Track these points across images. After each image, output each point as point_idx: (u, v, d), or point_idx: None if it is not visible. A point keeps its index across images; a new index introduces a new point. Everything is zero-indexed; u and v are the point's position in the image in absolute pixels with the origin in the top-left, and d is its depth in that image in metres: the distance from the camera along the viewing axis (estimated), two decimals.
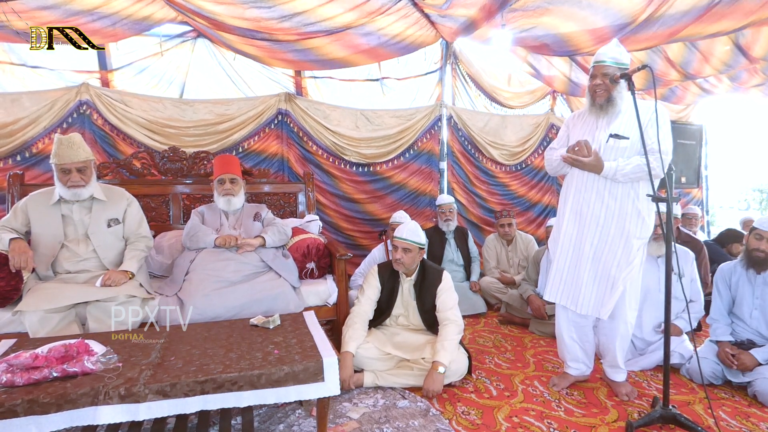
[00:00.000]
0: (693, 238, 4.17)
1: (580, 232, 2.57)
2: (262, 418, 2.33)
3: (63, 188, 2.59)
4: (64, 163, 2.55)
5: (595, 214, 2.52)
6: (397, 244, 2.84)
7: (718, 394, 2.70)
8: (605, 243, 2.51)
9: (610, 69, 2.40)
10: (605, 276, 2.51)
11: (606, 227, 2.50)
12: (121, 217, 2.80)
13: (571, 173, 2.64)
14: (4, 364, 1.69)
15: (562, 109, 6.26)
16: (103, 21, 3.48)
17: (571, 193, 2.60)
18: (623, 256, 2.47)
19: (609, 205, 2.49)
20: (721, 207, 8.83)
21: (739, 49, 4.77)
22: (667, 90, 6.11)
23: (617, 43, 2.48)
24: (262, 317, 2.35)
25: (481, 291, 4.41)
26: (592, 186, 2.51)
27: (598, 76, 2.44)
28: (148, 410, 1.69)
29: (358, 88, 5.04)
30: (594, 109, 2.51)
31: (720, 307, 2.94)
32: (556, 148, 2.73)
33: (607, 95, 2.43)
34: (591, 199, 2.52)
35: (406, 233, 2.83)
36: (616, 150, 2.44)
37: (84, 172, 2.61)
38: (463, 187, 5.59)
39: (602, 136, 2.49)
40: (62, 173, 2.57)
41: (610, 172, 2.41)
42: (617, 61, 2.41)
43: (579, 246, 2.57)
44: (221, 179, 3.14)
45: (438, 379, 2.56)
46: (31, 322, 2.30)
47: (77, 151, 2.57)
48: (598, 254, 2.53)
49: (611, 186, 2.47)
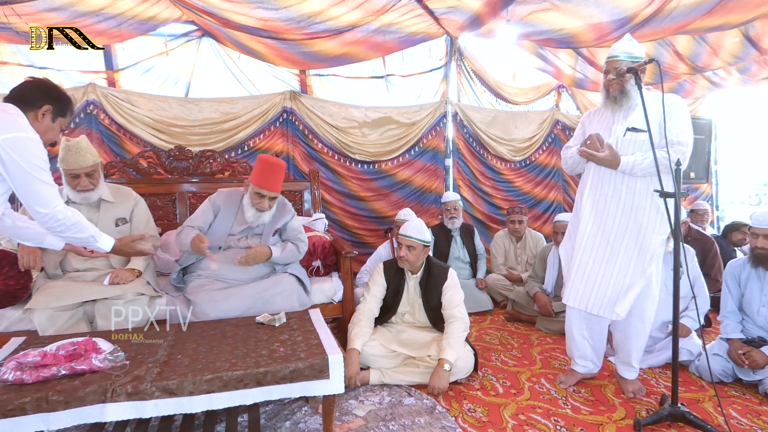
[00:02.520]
0: (703, 235, 4.11)
1: (598, 228, 2.52)
2: (268, 415, 2.34)
3: (72, 192, 2.61)
4: (72, 169, 2.55)
5: (612, 210, 2.48)
6: (401, 241, 2.85)
7: (728, 392, 2.67)
8: (623, 239, 2.46)
9: (623, 63, 2.38)
10: (623, 273, 2.46)
11: (624, 223, 2.46)
12: (129, 216, 2.82)
13: (587, 169, 2.60)
14: (13, 362, 1.70)
15: (568, 105, 6.22)
16: (109, 22, 3.50)
17: (588, 189, 2.57)
18: (642, 252, 2.42)
19: (627, 200, 2.44)
20: (731, 202, 8.73)
21: (749, 41, 4.71)
22: (675, 84, 6.05)
23: (629, 37, 2.46)
24: (267, 315, 2.36)
25: (487, 288, 4.40)
26: (610, 181, 2.48)
27: (611, 71, 2.42)
28: (155, 408, 1.70)
29: (363, 85, 5.03)
30: (609, 102, 2.48)
31: (730, 305, 2.90)
32: (572, 146, 2.70)
33: (621, 88, 2.41)
34: (608, 195, 2.49)
35: (410, 230, 2.83)
36: (635, 143, 2.40)
37: (92, 176, 2.63)
38: (469, 184, 5.57)
39: (619, 129, 2.46)
40: (71, 178, 2.58)
41: (627, 166, 2.37)
42: (630, 55, 2.39)
43: (597, 243, 2.53)
44: (261, 194, 2.75)
45: (444, 377, 2.56)
46: (41, 320, 2.33)
47: (85, 156, 2.56)
48: (615, 250, 2.48)
49: (629, 180, 2.43)
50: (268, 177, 2.75)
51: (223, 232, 2.85)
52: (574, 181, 6.11)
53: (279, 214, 2.94)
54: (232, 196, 2.91)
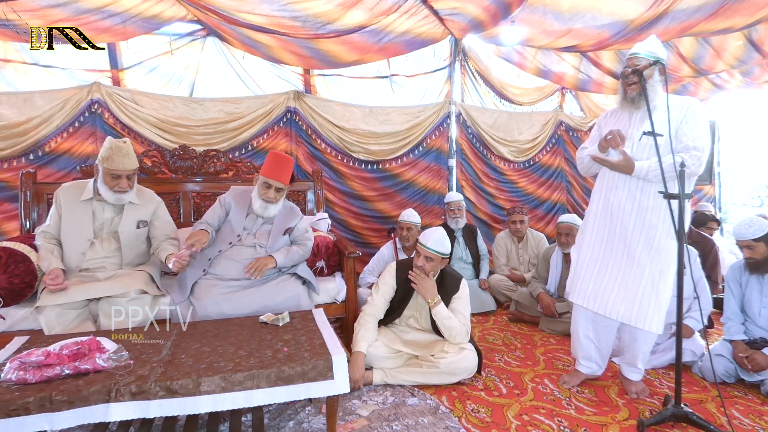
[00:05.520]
0: (704, 237, 4.12)
1: (611, 231, 2.50)
2: (272, 415, 2.34)
3: (108, 192, 2.64)
4: (116, 169, 2.59)
5: (626, 214, 2.44)
6: (420, 251, 2.75)
7: (730, 393, 2.67)
8: (638, 243, 2.42)
9: (642, 61, 2.36)
10: (637, 278, 2.42)
11: (638, 226, 2.41)
12: (150, 218, 2.85)
13: (602, 172, 2.57)
14: (17, 362, 1.70)
15: (571, 106, 6.23)
16: (113, 19, 3.51)
17: (603, 192, 2.54)
18: (659, 256, 2.38)
19: (642, 203, 2.41)
20: (734, 204, 8.71)
21: (752, 45, 4.72)
22: (679, 86, 6.05)
23: (655, 37, 2.45)
24: (271, 315, 2.36)
25: (490, 288, 4.40)
26: (624, 185, 2.44)
27: (630, 68, 2.39)
28: (159, 408, 1.70)
29: (367, 85, 5.04)
30: (626, 103, 2.46)
31: (733, 306, 2.90)
32: (588, 147, 2.67)
33: (639, 89, 2.37)
34: (623, 198, 2.45)
35: (431, 242, 2.73)
36: (651, 147, 2.34)
37: (131, 178, 2.70)
38: (472, 184, 5.56)
39: (635, 133, 2.43)
40: (111, 178, 2.62)
41: (641, 172, 2.33)
42: (653, 54, 2.37)
43: (609, 247, 2.50)
44: (268, 184, 2.82)
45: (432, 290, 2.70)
46: (48, 318, 2.33)
47: (132, 160, 2.65)
48: (630, 255, 2.44)
49: (644, 185, 2.40)
50: (275, 168, 2.83)
51: (236, 227, 2.87)
52: (577, 182, 6.11)
53: (289, 216, 2.98)
54: (243, 193, 2.96)
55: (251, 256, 2.79)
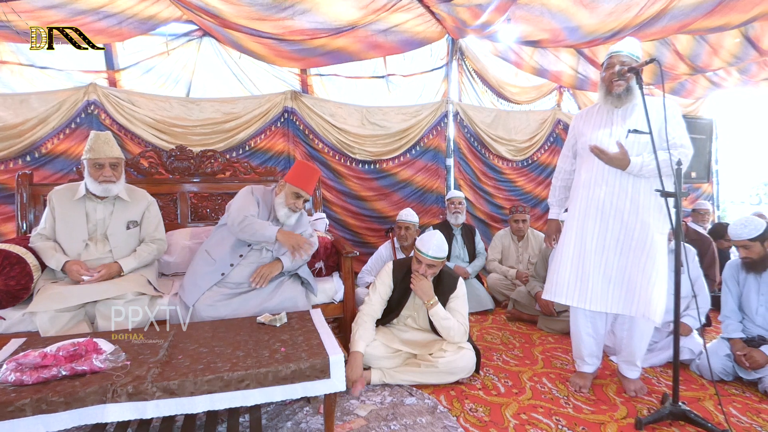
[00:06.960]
0: (701, 235, 4.13)
1: (602, 227, 2.49)
2: (270, 415, 2.34)
3: (94, 183, 2.63)
4: (98, 158, 2.60)
5: (618, 209, 2.44)
6: (422, 260, 2.71)
7: (728, 390, 2.68)
8: (630, 238, 2.43)
9: (627, 58, 2.38)
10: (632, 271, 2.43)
11: (631, 223, 2.42)
12: (140, 218, 2.84)
13: (585, 168, 2.56)
14: (13, 363, 1.69)
15: (569, 104, 6.23)
16: (108, 20, 3.50)
17: (586, 188, 2.53)
18: (652, 250, 2.39)
19: (633, 198, 2.42)
20: (732, 202, 8.72)
21: (749, 41, 4.71)
22: (676, 84, 6.05)
23: (631, 39, 2.46)
24: (269, 315, 2.35)
25: (468, 276, 4.37)
26: (615, 180, 2.44)
27: (617, 64, 2.39)
28: (156, 408, 1.70)
29: (364, 85, 5.04)
30: (610, 98, 2.45)
31: (731, 304, 2.90)
32: (563, 167, 2.80)
33: (626, 85, 2.38)
34: (614, 194, 2.45)
35: (432, 250, 2.68)
36: (638, 145, 2.38)
37: (116, 168, 2.68)
38: (470, 183, 5.57)
39: (620, 131, 2.43)
40: (95, 168, 2.62)
41: (635, 167, 2.35)
42: (633, 53, 2.40)
43: (599, 242, 2.50)
44: (299, 194, 2.75)
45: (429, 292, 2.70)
46: (42, 321, 2.32)
47: (112, 148, 2.66)
48: (618, 249, 2.46)
49: (634, 180, 2.41)
50: (306, 178, 2.79)
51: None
52: None
53: (301, 222, 2.95)
54: (266, 195, 2.89)
55: (260, 261, 2.77)
